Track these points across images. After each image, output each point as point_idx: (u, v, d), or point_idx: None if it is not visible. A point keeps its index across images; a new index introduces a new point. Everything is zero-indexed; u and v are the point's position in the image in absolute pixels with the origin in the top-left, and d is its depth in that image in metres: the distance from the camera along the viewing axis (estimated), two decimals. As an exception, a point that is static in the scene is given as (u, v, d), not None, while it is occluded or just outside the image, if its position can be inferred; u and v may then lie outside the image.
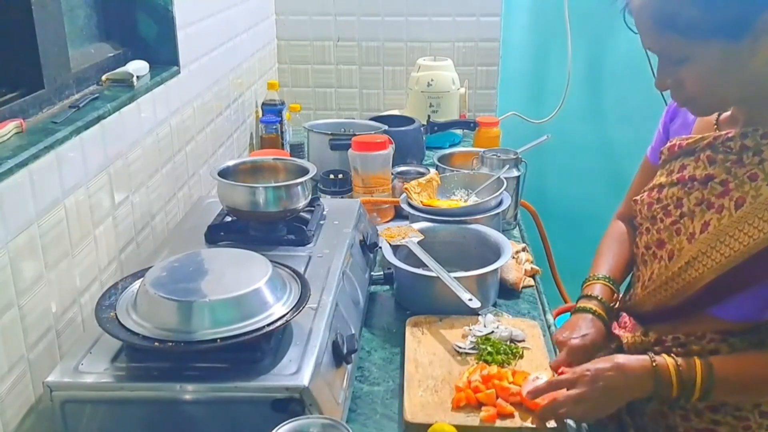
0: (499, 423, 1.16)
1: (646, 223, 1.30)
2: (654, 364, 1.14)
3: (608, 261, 1.40)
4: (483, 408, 1.18)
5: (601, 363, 1.15)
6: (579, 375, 1.14)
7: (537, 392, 1.17)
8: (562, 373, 1.21)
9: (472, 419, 1.17)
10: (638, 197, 1.34)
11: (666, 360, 1.14)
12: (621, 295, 1.40)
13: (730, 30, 1.04)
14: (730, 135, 1.18)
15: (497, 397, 1.19)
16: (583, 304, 1.32)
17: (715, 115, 1.25)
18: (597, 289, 1.33)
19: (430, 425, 1.14)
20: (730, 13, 1.03)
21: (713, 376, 1.12)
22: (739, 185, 1.14)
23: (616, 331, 1.38)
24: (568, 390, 1.14)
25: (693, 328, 1.22)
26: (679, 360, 1.14)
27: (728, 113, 1.23)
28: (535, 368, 1.29)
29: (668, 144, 1.30)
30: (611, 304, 1.33)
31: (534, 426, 1.15)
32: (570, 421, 1.18)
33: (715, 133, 1.21)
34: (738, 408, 1.20)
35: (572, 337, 1.26)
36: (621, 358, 1.16)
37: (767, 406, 1.20)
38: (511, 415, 1.17)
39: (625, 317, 1.39)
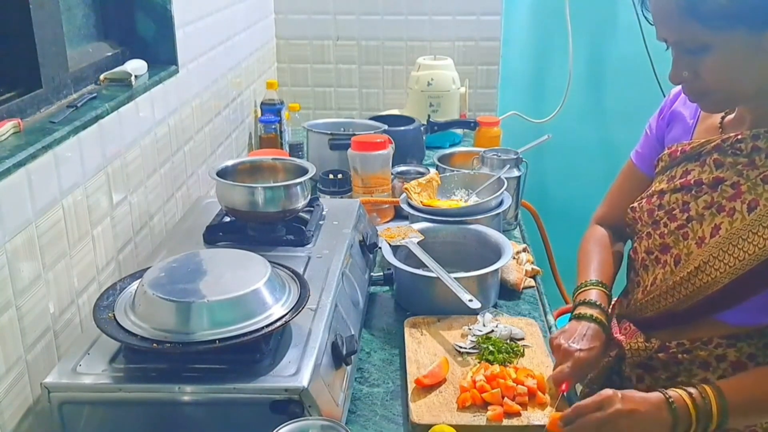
0: (506, 422, 1.16)
1: (647, 228, 1.26)
2: (669, 398, 1.08)
3: (596, 266, 1.36)
4: (489, 407, 1.17)
5: (619, 403, 1.08)
6: (604, 398, 1.08)
7: (567, 420, 1.11)
8: (566, 389, 1.19)
9: (479, 419, 1.17)
10: (635, 204, 1.30)
11: (679, 393, 1.09)
12: (615, 301, 1.37)
13: (754, 20, 1.02)
14: (739, 137, 1.15)
15: (503, 396, 1.19)
16: (584, 310, 1.27)
17: (719, 117, 1.22)
18: (594, 295, 1.29)
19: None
20: (756, 1, 1.01)
21: (726, 402, 1.08)
22: (752, 187, 1.12)
23: (617, 335, 1.31)
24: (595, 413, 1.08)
25: (698, 333, 1.20)
26: (692, 391, 1.09)
27: (732, 115, 1.21)
28: (537, 366, 1.29)
29: (668, 150, 1.27)
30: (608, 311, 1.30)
31: (540, 424, 1.15)
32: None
33: (722, 136, 1.19)
34: None
35: (579, 348, 1.21)
36: (638, 397, 1.09)
37: None
38: (518, 414, 1.17)
39: (626, 322, 1.33)
